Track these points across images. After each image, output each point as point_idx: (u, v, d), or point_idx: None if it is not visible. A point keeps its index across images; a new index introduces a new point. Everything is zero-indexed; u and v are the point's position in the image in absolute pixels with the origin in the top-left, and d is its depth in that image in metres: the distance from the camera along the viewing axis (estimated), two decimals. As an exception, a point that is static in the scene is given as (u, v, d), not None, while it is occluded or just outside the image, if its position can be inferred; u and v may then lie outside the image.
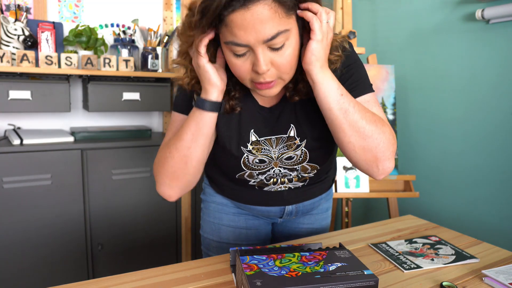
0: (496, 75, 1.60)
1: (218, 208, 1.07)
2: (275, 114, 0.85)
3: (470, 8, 1.67)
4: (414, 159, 1.97)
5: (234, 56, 0.70)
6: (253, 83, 0.73)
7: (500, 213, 1.60)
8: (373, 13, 2.19)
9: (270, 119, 0.85)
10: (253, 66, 0.70)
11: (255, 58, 0.68)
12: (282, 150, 0.87)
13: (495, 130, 1.61)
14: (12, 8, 1.85)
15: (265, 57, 0.68)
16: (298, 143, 0.86)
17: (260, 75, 0.70)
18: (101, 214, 1.82)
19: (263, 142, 0.86)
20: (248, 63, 0.70)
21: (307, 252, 0.72)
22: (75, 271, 1.79)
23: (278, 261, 0.66)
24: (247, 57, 0.69)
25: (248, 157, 0.87)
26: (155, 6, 2.24)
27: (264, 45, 0.67)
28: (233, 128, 0.85)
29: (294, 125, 0.85)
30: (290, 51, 0.70)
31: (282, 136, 0.85)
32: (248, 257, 0.67)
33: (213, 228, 1.08)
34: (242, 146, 0.86)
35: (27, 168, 1.64)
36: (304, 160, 0.88)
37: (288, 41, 0.69)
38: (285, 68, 0.71)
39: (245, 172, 0.90)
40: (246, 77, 0.72)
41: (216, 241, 1.07)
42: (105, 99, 1.88)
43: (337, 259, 0.71)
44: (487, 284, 0.78)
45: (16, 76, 1.72)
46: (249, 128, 0.85)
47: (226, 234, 1.06)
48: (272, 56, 0.69)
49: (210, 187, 1.09)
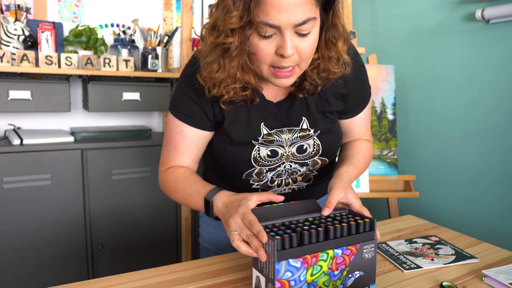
0: (496, 75, 1.60)
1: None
2: (283, 108, 0.87)
3: (470, 8, 1.67)
4: (414, 159, 1.97)
5: (260, 38, 0.70)
6: (271, 69, 0.74)
7: (500, 213, 1.60)
8: (373, 13, 2.19)
9: (279, 114, 0.86)
10: (277, 49, 0.71)
11: (282, 41, 0.69)
12: (295, 139, 0.87)
13: (495, 130, 1.61)
14: (12, 8, 1.85)
15: (292, 42, 0.70)
16: (311, 134, 0.88)
17: (283, 59, 0.71)
18: (101, 214, 1.82)
19: (275, 133, 0.87)
20: (272, 46, 0.71)
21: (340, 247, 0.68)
22: (75, 271, 1.78)
23: (310, 273, 0.65)
24: (273, 39, 0.70)
25: (260, 149, 0.86)
26: (155, 6, 2.24)
27: (293, 29, 0.69)
28: (242, 122, 0.85)
29: (306, 117, 0.87)
30: (313, 39, 0.72)
31: (294, 128, 0.87)
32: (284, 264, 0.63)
33: (213, 238, 1.05)
34: (253, 139, 0.86)
35: (27, 168, 1.64)
36: (316, 154, 0.89)
37: (313, 29, 0.72)
38: (306, 55, 0.73)
39: (255, 168, 0.88)
40: (267, 60, 0.73)
41: (215, 252, 1.05)
42: (105, 99, 1.87)
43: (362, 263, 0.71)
44: (487, 284, 0.78)
45: (16, 76, 1.72)
46: (259, 122, 0.86)
47: (226, 245, 1.03)
48: (297, 41, 0.71)
49: None
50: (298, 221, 0.71)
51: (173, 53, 2.29)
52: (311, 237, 0.65)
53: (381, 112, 1.88)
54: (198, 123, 0.87)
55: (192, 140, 0.89)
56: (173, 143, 0.89)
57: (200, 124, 0.87)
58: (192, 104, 0.85)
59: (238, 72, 0.76)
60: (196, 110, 0.85)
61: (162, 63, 2.05)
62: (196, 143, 0.90)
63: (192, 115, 0.86)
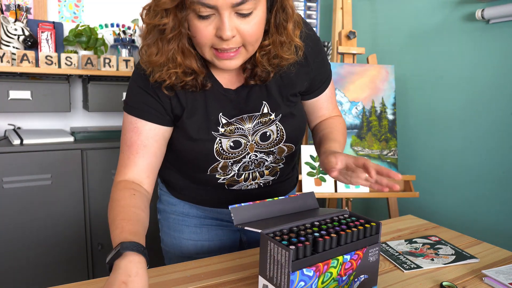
0: (496, 75, 1.60)
1: (179, 220, 1.00)
2: (242, 95, 0.83)
3: (470, 8, 1.67)
4: (414, 159, 1.97)
5: (197, 18, 0.66)
6: (212, 50, 0.70)
7: (500, 213, 1.60)
8: (373, 13, 2.19)
9: (238, 101, 0.82)
10: (216, 31, 0.67)
11: (220, 22, 0.65)
12: (257, 127, 0.84)
13: (495, 130, 1.61)
14: (12, 8, 1.85)
15: (231, 23, 0.66)
16: (273, 118, 0.84)
17: (223, 41, 0.67)
18: (101, 214, 1.82)
19: (234, 121, 0.83)
20: (211, 27, 0.67)
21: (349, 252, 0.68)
22: (75, 271, 1.78)
23: (321, 280, 0.65)
24: (212, 20, 0.66)
25: (221, 142, 0.82)
26: (155, 6, 2.24)
27: (232, 9, 0.65)
28: (200, 114, 0.81)
29: (266, 102, 0.83)
30: (257, 21, 0.68)
31: (255, 114, 0.83)
32: (298, 273, 0.62)
33: (174, 242, 1.00)
34: (213, 131, 0.81)
35: (27, 168, 1.64)
36: (281, 140, 0.86)
37: (256, 10, 0.68)
38: (250, 38, 0.69)
39: (219, 162, 0.84)
40: (207, 42, 0.69)
41: (177, 256, 1.00)
42: (105, 99, 1.87)
43: (367, 266, 0.71)
44: (487, 284, 0.78)
45: (16, 76, 1.72)
46: (217, 112, 0.81)
47: (187, 247, 0.99)
48: (238, 23, 0.67)
49: (167, 193, 1.01)
50: (306, 225, 0.70)
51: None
52: (325, 244, 0.65)
53: (381, 112, 1.88)
54: (154, 117, 0.80)
55: (148, 137, 0.79)
56: (127, 142, 0.80)
57: (156, 118, 0.80)
58: (148, 97, 0.79)
59: (179, 56, 0.72)
60: (152, 103, 0.79)
61: (162, 63, 2.05)
62: (153, 140, 0.80)
63: (148, 109, 0.79)
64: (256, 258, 0.87)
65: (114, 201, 0.75)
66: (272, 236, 0.65)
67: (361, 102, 1.88)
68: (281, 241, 0.63)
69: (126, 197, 0.75)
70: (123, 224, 0.70)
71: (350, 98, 1.87)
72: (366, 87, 1.89)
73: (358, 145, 1.85)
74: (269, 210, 0.75)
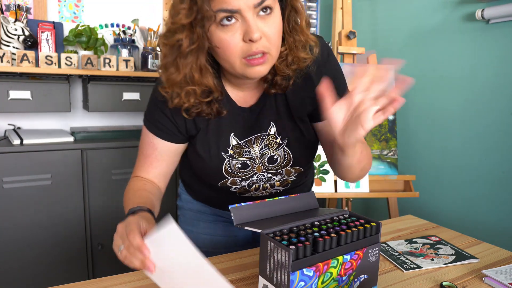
0: (496, 75, 1.60)
1: (195, 216, 1.05)
2: (255, 113, 0.84)
3: (470, 8, 1.67)
4: (414, 159, 1.97)
5: (221, 29, 0.68)
6: (243, 60, 0.70)
7: (500, 213, 1.60)
8: (373, 13, 2.19)
9: (249, 119, 0.84)
10: (244, 36, 0.68)
11: (247, 25, 0.67)
12: (263, 150, 0.86)
13: (495, 130, 1.61)
14: (12, 8, 1.85)
15: (256, 24, 0.67)
16: (279, 142, 0.85)
17: (252, 44, 0.68)
18: (101, 214, 1.82)
19: (244, 144, 0.85)
20: (237, 34, 0.68)
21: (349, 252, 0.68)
22: (75, 271, 1.78)
23: (321, 280, 0.65)
24: (236, 27, 0.68)
25: (230, 163, 0.85)
26: (155, 6, 2.24)
27: (254, 10, 0.67)
28: (212, 134, 0.84)
29: (274, 123, 0.84)
30: (277, 21, 0.70)
31: (262, 135, 0.85)
32: (298, 273, 0.62)
33: (191, 236, 1.01)
34: (222, 151, 0.84)
35: (27, 168, 1.64)
36: (288, 163, 0.87)
37: (274, 9, 0.70)
38: (273, 39, 0.70)
39: (228, 179, 0.88)
40: (237, 52, 0.69)
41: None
42: (105, 99, 1.87)
43: (367, 266, 0.71)
44: (487, 284, 0.78)
45: (16, 76, 1.72)
46: (229, 132, 0.84)
47: (203, 242, 1.03)
48: (261, 25, 0.68)
49: (186, 193, 1.07)
50: (306, 225, 0.70)
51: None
52: (325, 244, 0.65)
53: (381, 112, 1.88)
54: (169, 136, 0.85)
55: (162, 153, 0.87)
56: (144, 153, 0.89)
57: (170, 138, 0.85)
58: (163, 118, 0.83)
59: (196, 74, 0.73)
60: (167, 123, 0.84)
61: (162, 63, 2.05)
62: (167, 156, 0.88)
63: (163, 128, 0.84)
64: (256, 258, 0.87)
65: (128, 190, 0.88)
66: (272, 236, 0.65)
67: (361, 102, 1.87)
68: (281, 241, 0.63)
69: (140, 185, 0.87)
70: (134, 201, 0.81)
71: (350, 98, 1.87)
72: (366, 87, 1.88)
73: (358, 145, 1.85)
74: (269, 210, 0.75)
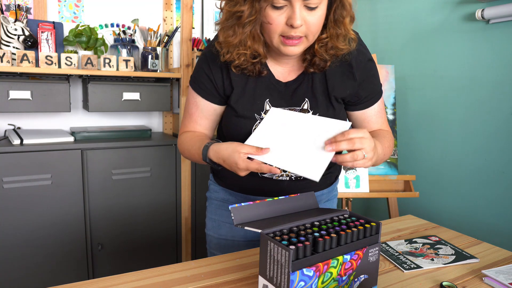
0: (496, 75, 1.60)
1: (220, 205, 1.10)
2: (290, 89, 0.94)
3: (470, 8, 1.67)
4: (414, 159, 1.97)
5: (272, 8, 0.79)
6: (281, 38, 0.83)
7: (500, 213, 1.60)
8: (373, 13, 2.19)
9: (285, 93, 0.94)
10: (287, 20, 0.79)
11: (292, 12, 0.78)
12: None
13: (495, 130, 1.61)
14: (12, 8, 1.85)
15: (301, 13, 0.79)
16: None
17: (292, 29, 0.80)
18: (101, 214, 1.82)
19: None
20: (283, 16, 0.80)
21: (349, 252, 0.68)
22: (75, 271, 1.79)
23: (321, 280, 0.65)
24: (284, 11, 0.79)
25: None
26: (155, 6, 2.24)
27: (302, 2, 0.78)
28: (248, 97, 0.93)
29: (308, 99, 0.93)
30: (320, 14, 0.81)
31: (296, 108, 0.93)
32: (298, 273, 0.62)
33: (214, 225, 1.11)
34: (256, 113, 0.93)
35: (27, 168, 1.64)
36: None
37: (321, 5, 0.80)
38: (313, 28, 0.81)
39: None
40: (278, 29, 0.81)
41: (216, 238, 1.09)
42: (105, 99, 1.88)
43: (367, 266, 0.71)
44: (487, 284, 0.78)
45: (16, 76, 1.72)
46: (264, 98, 0.93)
47: (225, 230, 1.08)
48: (305, 14, 0.79)
49: (214, 183, 1.13)
50: (306, 225, 0.70)
51: (173, 53, 2.29)
52: (325, 244, 0.65)
53: (381, 112, 1.88)
54: (209, 96, 0.97)
55: (203, 111, 1.00)
56: (189, 112, 1.02)
57: (210, 97, 0.98)
58: (205, 79, 0.96)
59: (249, 40, 0.85)
60: (208, 84, 0.96)
61: (162, 63, 2.05)
62: (207, 114, 1.00)
63: (205, 88, 0.97)
64: (256, 258, 0.87)
65: (184, 139, 1.00)
66: (272, 236, 0.65)
67: (361, 102, 1.88)
68: (281, 241, 0.63)
69: (194, 134, 1.01)
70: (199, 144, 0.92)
71: (350, 98, 1.87)
72: (366, 87, 1.88)
73: (358, 145, 1.85)
74: (269, 210, 0.75)
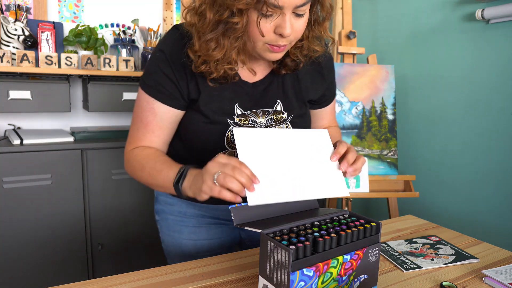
0: (496, 75, 1.60)
1: (177, 220, 1.01)
2: (259, 90, 0.87)
3: (470, 8, 1.67)
4: (414, 159, 1.97)
5: (261, 16, 0.71)
6: (266, 45, 0.76)
7: (500, 213, 1.60)
8: (373, 13, 2.19)
9: (253, 94, 0.87)
10: (276, 28, 0.73)
11: (282, 21, 0.72)
12: (269, 123, 0.88)
13: (495, 130, 1.61)
14: (12, 8, 1.85)
15: (290, 22, 0.73)
16: (285, 117, 0.89)
17: (281, 38, 0.74)
18: (101, 214, 1.82)
19: (249, 114, 0.87)
20: (272, 25, 0.73)
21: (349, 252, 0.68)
22: (75, 271, 1.78)
23: (321, 280, 0.65)
24: (273, 19, 0.72)
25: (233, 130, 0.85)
26: (155, 6, 2.24)
27: (293, 10, 0.72)
28: (217, 101, 0.84)
29: (280, 100, 0.89)
30: (306, 18, 0.76)
31: (268, 110, 0.88)
32: (298, 273, 0.62)
33: (174, 242, 1.02)
34: (228, 118, 0.85)
35: (27, 168, 1.64)
36: None
37: (307, 10, 0.75)
38: (299, 34, 0.77)
39: (226, 151, 0.87)
40: (266, 38, 0.74)
41: (179, 255, 1.02)
42: (105, 99, 1.87)
43: (367, 266, 0.71)
44: (487, 284, 0.78)
45: (16, 76, 1.72)
46: (233, 102, 0.85)
47: (187, 247, 1.01)
48: (293, 21, 0.74)
49: (167, 195, 1.03)
50: (306, 225, 0.70)
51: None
52: (325, 244, 0.65)
53: (381, 112, 1.88)
54: (170, 100, 0.84)
55: (163, 118, 0.86)
56: (144, 121, 0.86)
57: (172, 102, 0.84)
58: (166, 80, 0.82)
59: (234, 53, 0.77)
60: (170, 87, 0.83)
61: (162, 63, 2.05)
62: (167, 123, 0.87)
63: (165, 91, 0.83)
64: (256, 258, 0.87)
65: (141, 160, 0.84)
66: (272, 236, 0.65)
67: (361, 102, 1.88)
68: (281, 241, 0.63)
69: (152, 152, 0.85)
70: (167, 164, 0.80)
71: (350, 98, 1.87)
72: (366, 87, 1.89)
73: (358, 145, 1.85)
74: (269, 210, 0.75)
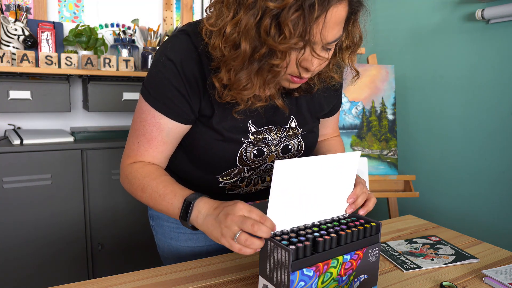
0: (496, 75, 1.60)
1: (173, 228, 0.98)
2: (272, 106, 0.81)
3: (470, 8, 1.67)
4: (414, 159, 1.97)
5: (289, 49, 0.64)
6: (288, 76, 0.70)
7: (500, 213, 1.60)
8: (373, 13, 2.18)
9: (266, 111, 0.81)
10: (302, 62, 0.66)
11: (310, 56, 0.65)
12: (282, 139, 0.86)
13: (495, 130, 1.61)
14: (12, 8, 1.85)
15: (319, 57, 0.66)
16: (299, 134, 0.88)
17: (306, 72, 0.68)
18: (101, 214, 1.82)
19: (263, 131, 0.83)
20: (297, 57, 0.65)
21: (349, 252, 0.68)
22: (75, 271, 1.78)
23: (321, 280, 0.65)
24: (299, 52, 0.64)
25: (247, 148, 0.82)
26: (155, 6, 2.24)
27: (323, 45, 0.65)
28: (230, 119, 0.79)
29: (294, 117, 0.85)
30: (332, 52, 0.70)
31: (283, 127, 0.84)
32: (298, 273, 0.62)
33: (172, 250, 0.99)
34: (243, 137, 0.80)
35: (27, 168, 1.64)
36: (299, 153, 0.90)
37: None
38: (321, 67, 0.71)
39: (236, 168, 0.84)
40: (289, 70, 0.68)
41: (176, 261, 0.99)
42: (105, 99, 1.87)
43: (367, 266, 0.71)
44: (487, 284, 0.78)
45: (16, 76, 1.72)
46: (245, 119, 0.80)
47: (185, 253, 0.99)
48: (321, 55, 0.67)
49: None
50: (306, 226, 0.70)
51: (173, 53, 2.29)
52: (325, 244, 0.65)
53: (381, 112, 1.88)
54: (180, 116, 0.76)
55: (169, 135, 0.78)
56: (147, 136, 0.78)
57: (181, 118, 0.76)
58: (176, 95, 0.74)
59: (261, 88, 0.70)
60: (180, 102, 0.74)
61: (162, 63, 2.05)
62: (173, 138, 0.79)
63: (174, 107, 0.75)
64: (256, 258, 0.87)
65: (141, 179, 0.77)
66: (272, 236, 0.65)
67: (361, 102, 1.88)
68: (281, 241, 0.63)
69: (153, 171, 0.78)
70: (170, 189, 0.74)
71: (350, 98, 1.87)
72: (366, 87, 1.89)
73: (358, 145, 1.85)
74: None
